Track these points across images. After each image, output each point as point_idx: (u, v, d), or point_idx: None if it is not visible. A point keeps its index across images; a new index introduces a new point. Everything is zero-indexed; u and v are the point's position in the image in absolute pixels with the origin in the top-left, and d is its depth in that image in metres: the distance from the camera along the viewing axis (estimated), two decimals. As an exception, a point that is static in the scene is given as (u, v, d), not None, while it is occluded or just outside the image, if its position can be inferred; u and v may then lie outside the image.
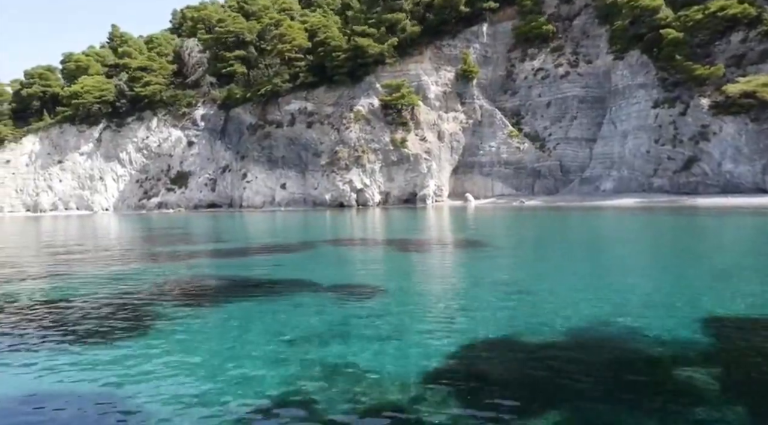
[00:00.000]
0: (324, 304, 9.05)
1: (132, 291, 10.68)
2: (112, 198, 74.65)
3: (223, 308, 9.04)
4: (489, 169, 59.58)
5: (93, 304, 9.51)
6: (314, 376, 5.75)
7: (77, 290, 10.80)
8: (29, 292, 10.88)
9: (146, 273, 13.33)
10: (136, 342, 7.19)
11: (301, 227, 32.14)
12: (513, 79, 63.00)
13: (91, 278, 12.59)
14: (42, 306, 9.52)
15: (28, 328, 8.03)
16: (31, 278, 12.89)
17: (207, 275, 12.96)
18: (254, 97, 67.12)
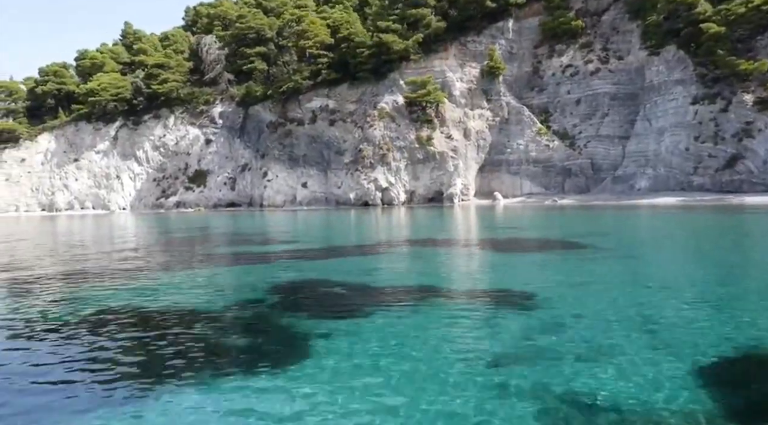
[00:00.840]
0: (480, 315, 7.94)
1: (248, 299, 9.57)
2: (128, 197, 73.59)
3: (366, 320, 7.75)
4: (517, 167, 58.47)
5: (212, 319, 8.13)
6: (549, 411, 4.57)
7: (180, 303, 9.52)
8: (122, 303, 9.55)
9: (246, 277, 12.25)
10: (291, 368, 5.80)
11: (349, 226, 31.03)
12: (540, 76, 61.87)
13: (187, 286, 11.49)
14: (150, 327, 7.75)
15: (144, 355, 6.48)
16: (115, 287, 11.77)
17: (315, 280, 11.85)
18: (276, 94, 65.99)
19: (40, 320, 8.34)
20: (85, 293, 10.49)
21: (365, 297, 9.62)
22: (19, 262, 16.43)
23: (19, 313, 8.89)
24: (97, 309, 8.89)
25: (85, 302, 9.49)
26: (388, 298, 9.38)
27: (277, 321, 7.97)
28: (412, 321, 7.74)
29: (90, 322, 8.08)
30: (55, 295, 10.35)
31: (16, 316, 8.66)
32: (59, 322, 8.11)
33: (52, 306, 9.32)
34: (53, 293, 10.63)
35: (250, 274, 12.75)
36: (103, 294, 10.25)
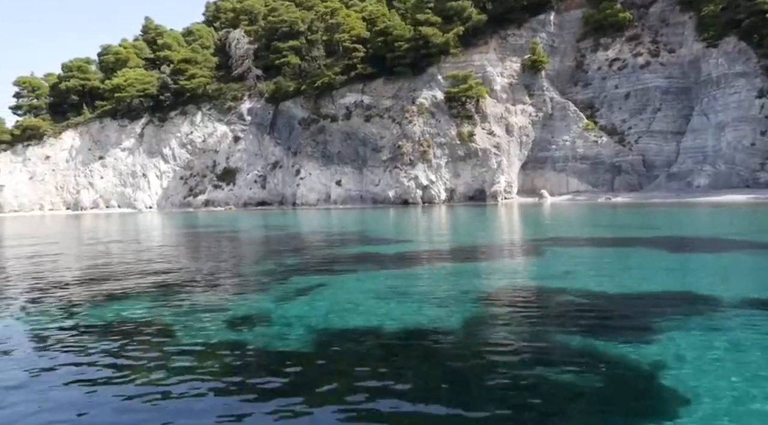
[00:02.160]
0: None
1: (487, 319, 7.74)
2: (155, 196, 71.83)
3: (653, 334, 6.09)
4: (563, 164, 56.58)
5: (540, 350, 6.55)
6: None
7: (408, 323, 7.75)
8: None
9: (454, 284, 10.39)
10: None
11: (431, 223, 29.08)
12: (584, 71, 59.96)
13: (454, 300, 9.63)
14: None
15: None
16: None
17: (532, 287, 9.99)
18: (310, 89, 64.11)
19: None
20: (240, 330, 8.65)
21: (643, 307, 7.78)
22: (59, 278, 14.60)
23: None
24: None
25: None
26: (674, 308, 7.53)
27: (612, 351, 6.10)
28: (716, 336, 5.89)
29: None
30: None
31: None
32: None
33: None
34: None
35: (450, 280, 10.87)
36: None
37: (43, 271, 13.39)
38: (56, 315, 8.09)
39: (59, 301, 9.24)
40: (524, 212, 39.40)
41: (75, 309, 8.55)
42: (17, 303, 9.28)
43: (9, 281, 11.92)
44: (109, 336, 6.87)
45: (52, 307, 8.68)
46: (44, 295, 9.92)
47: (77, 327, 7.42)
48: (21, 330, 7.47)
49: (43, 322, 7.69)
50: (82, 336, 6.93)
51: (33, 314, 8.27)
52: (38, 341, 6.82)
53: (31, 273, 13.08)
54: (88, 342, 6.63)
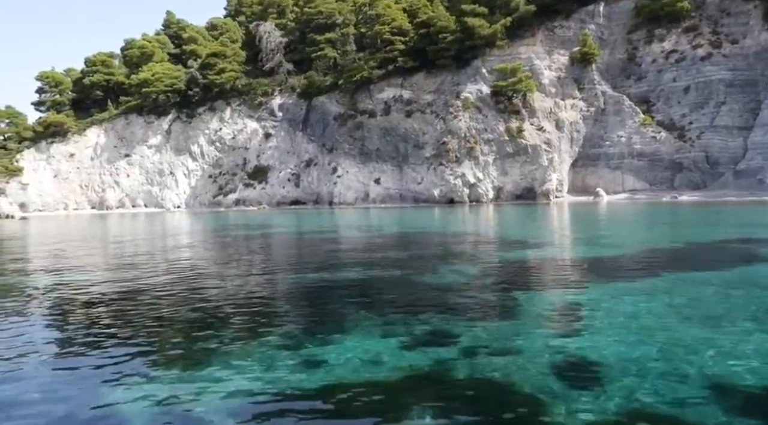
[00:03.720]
0: None
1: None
2: (183, 195, 69.29)
3: None
4: (618, 161, 53.94)
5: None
6: None
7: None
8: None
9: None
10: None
11: (534, 223, 26.47)
12: (637, 63, 57.30)
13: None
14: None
15: None
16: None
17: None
18: (347, 84, 61.49)
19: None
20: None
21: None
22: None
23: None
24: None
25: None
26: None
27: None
28: None
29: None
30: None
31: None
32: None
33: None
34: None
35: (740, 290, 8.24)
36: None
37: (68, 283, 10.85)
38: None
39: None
40: (587, 211, 36.78)
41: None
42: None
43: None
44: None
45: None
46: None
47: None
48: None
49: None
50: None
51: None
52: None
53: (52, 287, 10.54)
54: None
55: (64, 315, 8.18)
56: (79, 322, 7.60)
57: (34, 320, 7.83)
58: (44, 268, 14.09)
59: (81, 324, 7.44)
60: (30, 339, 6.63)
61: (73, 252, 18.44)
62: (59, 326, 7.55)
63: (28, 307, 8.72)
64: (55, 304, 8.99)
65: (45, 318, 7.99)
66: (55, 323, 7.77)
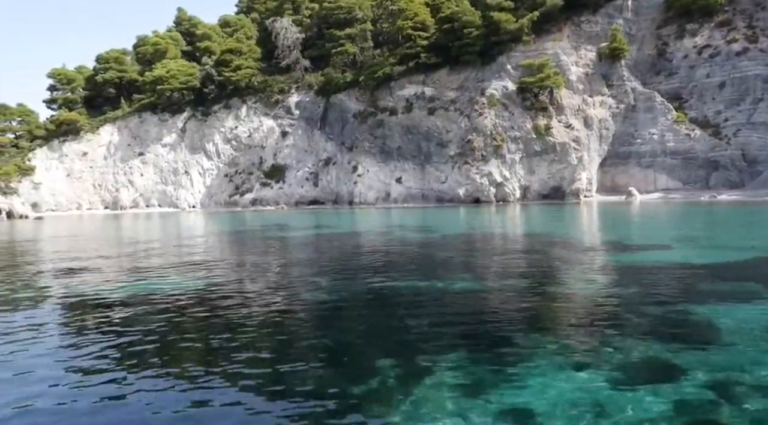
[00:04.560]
0: None
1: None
2: (198, 194, 67.85)
3: None
4: (650, 160, 52.34)
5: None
6: None
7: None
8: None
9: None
10: None
11: (603, 224, 24.92)
12: (667, 59, 55.70)
13: None
14: None
15: None
16: None
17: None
18: (368, 80, 59.97)
19: None
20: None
21: None
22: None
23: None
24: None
25: None
26: None
27: None
28: None
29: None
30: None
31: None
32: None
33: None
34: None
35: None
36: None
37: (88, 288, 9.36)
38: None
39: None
40: (624, 211, 35.14)
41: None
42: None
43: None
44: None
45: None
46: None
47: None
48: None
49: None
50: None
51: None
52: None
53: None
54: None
55: (122, 332, 6.71)
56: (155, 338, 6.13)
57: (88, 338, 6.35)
58: (82, 277, 12.60)
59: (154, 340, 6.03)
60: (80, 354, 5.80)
61: (114, 260, 16.97)
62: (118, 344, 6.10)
63: (84, 324, 7.24)
64: (108, 318, 7.50)
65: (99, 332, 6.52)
66: (113, 340, 6.29)
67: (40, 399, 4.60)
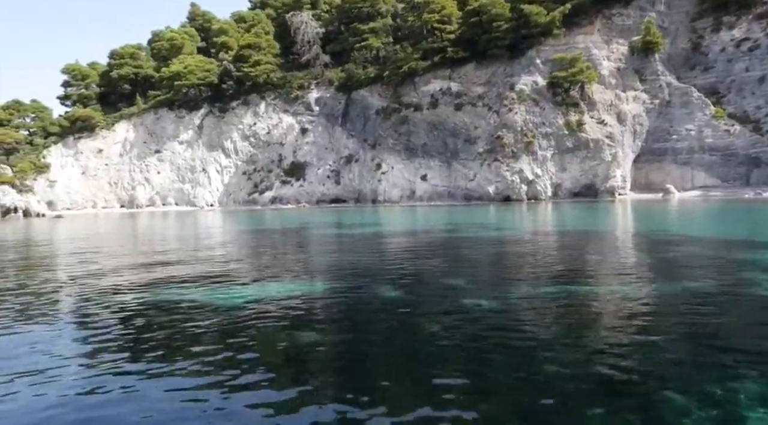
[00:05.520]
0: None
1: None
2: (216, 192, 66.32)
3: None
4: (687, 156, 50.72)
5: None
6: None
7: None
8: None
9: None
10: None
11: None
12: (703, 53, 54.09)
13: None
14: None
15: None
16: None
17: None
18: (393, 76, 58.40)
19: None
20: None
21: None
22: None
23: None
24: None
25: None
26: None
27: None
28: None
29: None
30: None
31: None
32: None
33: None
34: None
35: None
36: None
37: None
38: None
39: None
40: (671, 210, 33.43)
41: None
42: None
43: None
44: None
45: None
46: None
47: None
48: None
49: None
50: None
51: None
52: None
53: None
54: None
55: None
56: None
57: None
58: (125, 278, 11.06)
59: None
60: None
61: (156, 263, 15.43)
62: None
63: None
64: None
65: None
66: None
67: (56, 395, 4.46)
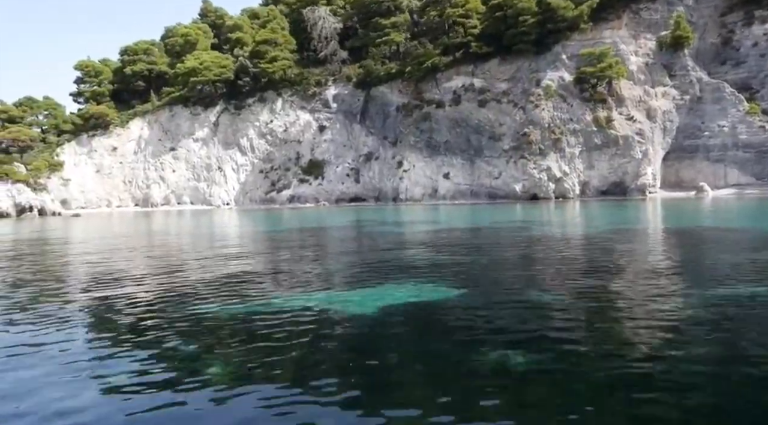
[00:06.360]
0: None
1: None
2: (232, 191, 65.11)
3: None
4: (720, 154, 49.54)
5: None
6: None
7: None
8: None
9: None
10: None
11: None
12: (734, 48, 52.93)
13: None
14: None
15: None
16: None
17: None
18: (416, 71, 57.18)
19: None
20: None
21: None
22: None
23: None
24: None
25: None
26: None
27: None
28: None
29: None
30: None
31: None
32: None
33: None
34: None
35: None
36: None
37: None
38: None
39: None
40: (705, 207, 32.19)
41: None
42: None
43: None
44: None
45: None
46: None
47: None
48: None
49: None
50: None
51: None
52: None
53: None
54: None
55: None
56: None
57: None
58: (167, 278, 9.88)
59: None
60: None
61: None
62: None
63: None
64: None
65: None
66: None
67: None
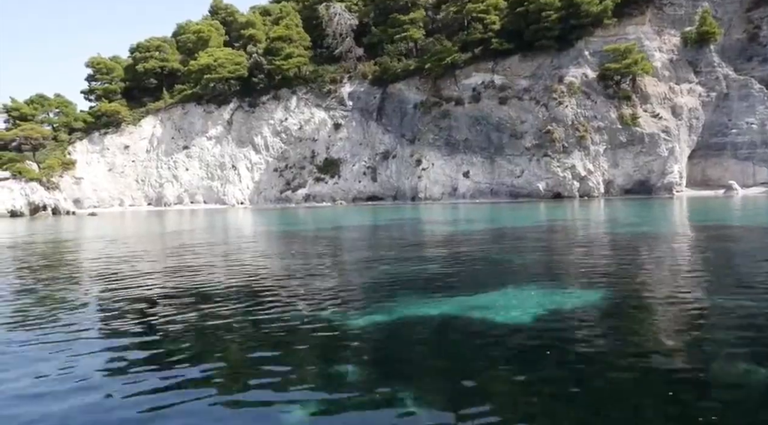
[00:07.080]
0: None
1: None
2: (246, 190, 64.14)
3: None
4: (748, 151, 48.59)
5: None
6: None
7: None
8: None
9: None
10: None
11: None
12: (761, 44, 51.95)
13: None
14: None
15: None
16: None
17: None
18: (435, 68, 56.18)
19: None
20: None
21: None
22: None
23: None
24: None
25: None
26: None
27: None
28: None
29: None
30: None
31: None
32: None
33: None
34: None
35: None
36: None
37: None
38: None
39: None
40: (739, 205, 31.23)
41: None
42: None
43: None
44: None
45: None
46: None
47: None
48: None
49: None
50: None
51: None
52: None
53: None
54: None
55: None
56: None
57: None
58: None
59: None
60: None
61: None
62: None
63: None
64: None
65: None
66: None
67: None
